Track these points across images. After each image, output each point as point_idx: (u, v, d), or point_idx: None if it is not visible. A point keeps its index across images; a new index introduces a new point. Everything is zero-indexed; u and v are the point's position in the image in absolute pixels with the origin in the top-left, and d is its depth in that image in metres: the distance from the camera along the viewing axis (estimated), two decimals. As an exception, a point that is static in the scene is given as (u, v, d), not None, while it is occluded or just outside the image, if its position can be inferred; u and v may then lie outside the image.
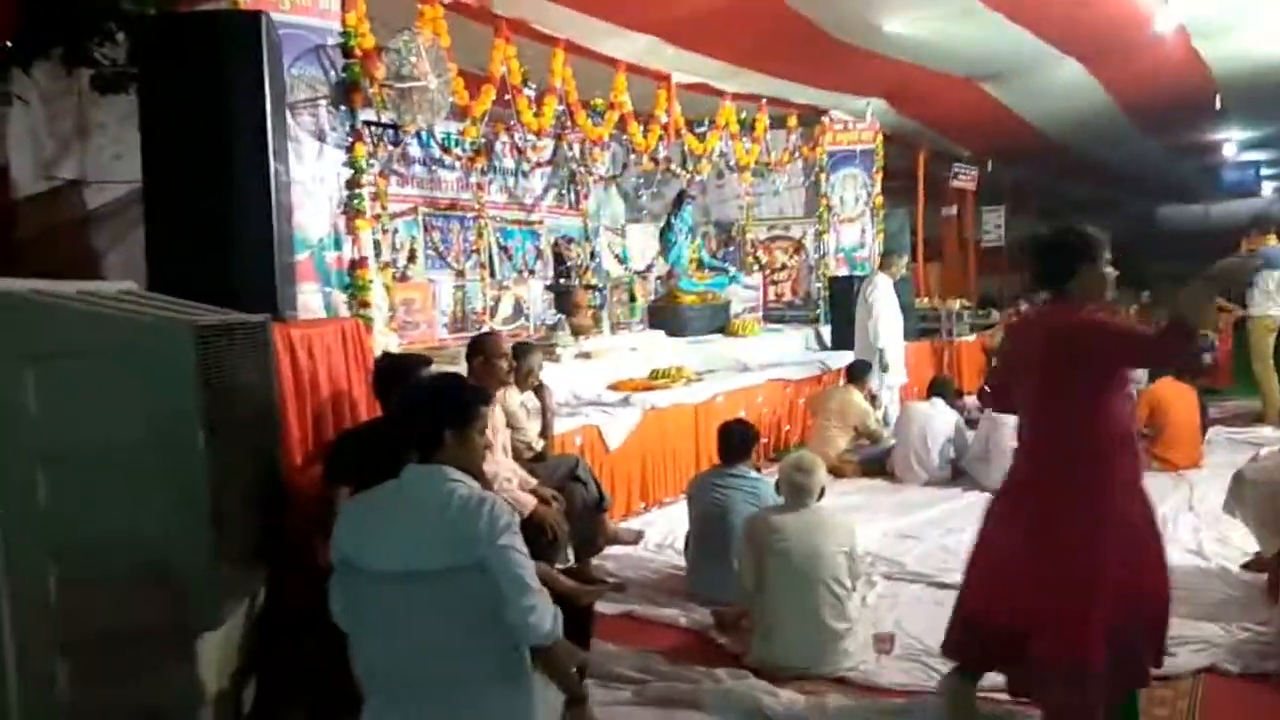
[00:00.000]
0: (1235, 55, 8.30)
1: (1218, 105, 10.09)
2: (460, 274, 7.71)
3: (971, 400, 8.49)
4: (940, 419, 6.70)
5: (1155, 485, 5.96)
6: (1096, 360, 2.77)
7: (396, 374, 3.44)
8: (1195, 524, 5.18)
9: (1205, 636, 3.64)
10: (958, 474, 6.54)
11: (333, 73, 4.16)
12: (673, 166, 8.56)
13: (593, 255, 8.99)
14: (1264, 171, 18.61)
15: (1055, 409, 2.85)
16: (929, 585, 4.44)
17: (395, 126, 4.71)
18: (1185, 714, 3.14)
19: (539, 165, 8.17)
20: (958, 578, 4.39)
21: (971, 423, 6.91)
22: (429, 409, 2.39)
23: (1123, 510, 2.80)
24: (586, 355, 6.81)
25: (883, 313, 7.56)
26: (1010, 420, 6.15)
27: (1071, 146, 12.64)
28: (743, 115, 8.70)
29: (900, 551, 4.96)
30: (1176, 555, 4.67)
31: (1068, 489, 2.79)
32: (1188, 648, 3.55)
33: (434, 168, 7.49)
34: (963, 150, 12.49)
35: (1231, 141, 14.11)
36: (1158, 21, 6.79)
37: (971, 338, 11.07)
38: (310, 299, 4.06)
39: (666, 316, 8.76)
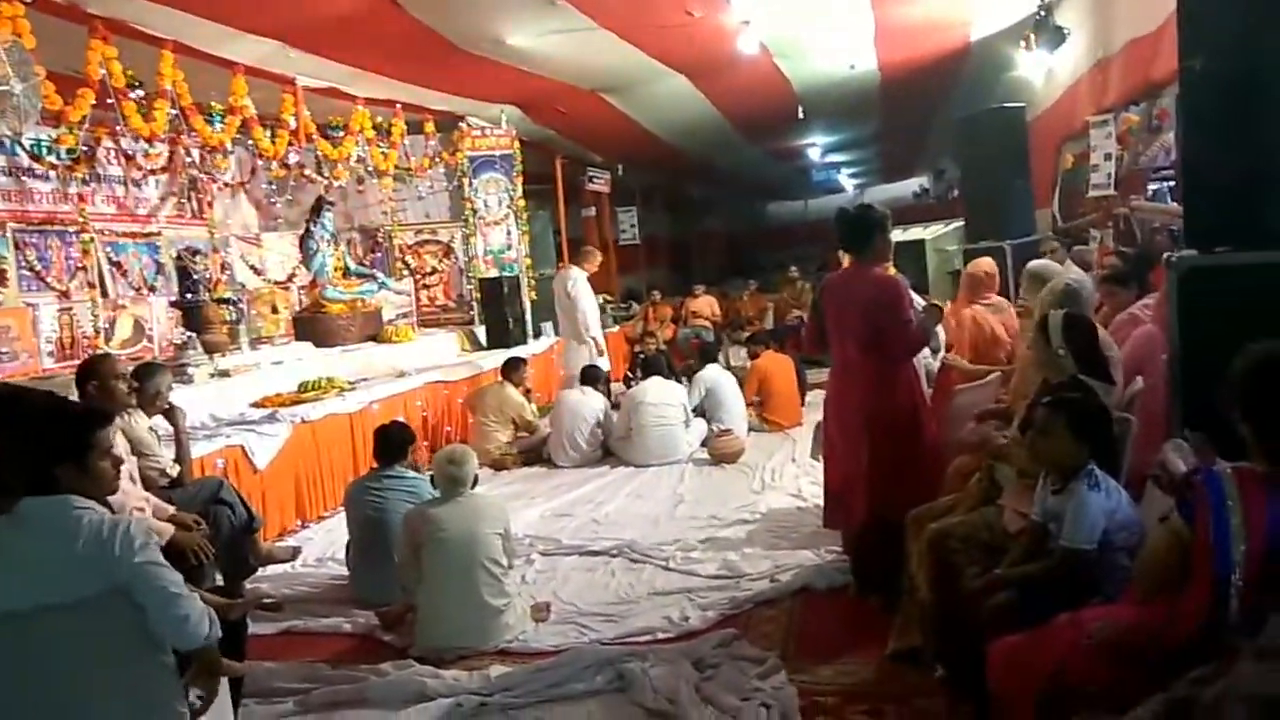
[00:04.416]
0: (809, 72, 9.69)
1: (800, 115, 11.67)
2: (65, 295, 6.91)
3: (618, 386, 9.20)
4: (590, 405, 7.22)
5: (765, 443, 7.10)
6: (885, 318, 3.78)
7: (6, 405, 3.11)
8: (796, 473, 6.10)
9: (800, 562, 4.36)
10: (606, 454, 7.09)
11: (-115, 74, 3.63)
12: (307, 172, 8.31)
13: (223, 267, 8.46)
14: (845, 171, 21.71)
15: (877, 337, 3.78)
16: (581, 555, 4.84)
17: (-29, 133, 4.18)
18: (786, 627, 3.76)
19: (152, 172, 7.54)
20: (606, 544, 4.92)
21: (616, 406, 7.50)
22: (35, 447, 2.20)
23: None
24: (225, 373, 6.46)
25: (587, 303, 7.95)
26: (649, 400, 6.87)
27: (689, 152, 13.97)
28: (378, 120, 8.64)
29: (556, 529, 5.33)
30: (781, 500, 5.52)
31: (887, 393, 3.81)
32: (789, 572, 4.24)
33: (23, 178, 6.66)
34: (595, 155, 13.32)
35: (816, 146, 16.33)
36: (741, 42, 7.76)
37: (615, 329, 11.91)
38: None
39: (313, 327, 8.49)
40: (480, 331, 9.77)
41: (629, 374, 9.65)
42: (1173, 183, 5.78)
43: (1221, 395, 2.07)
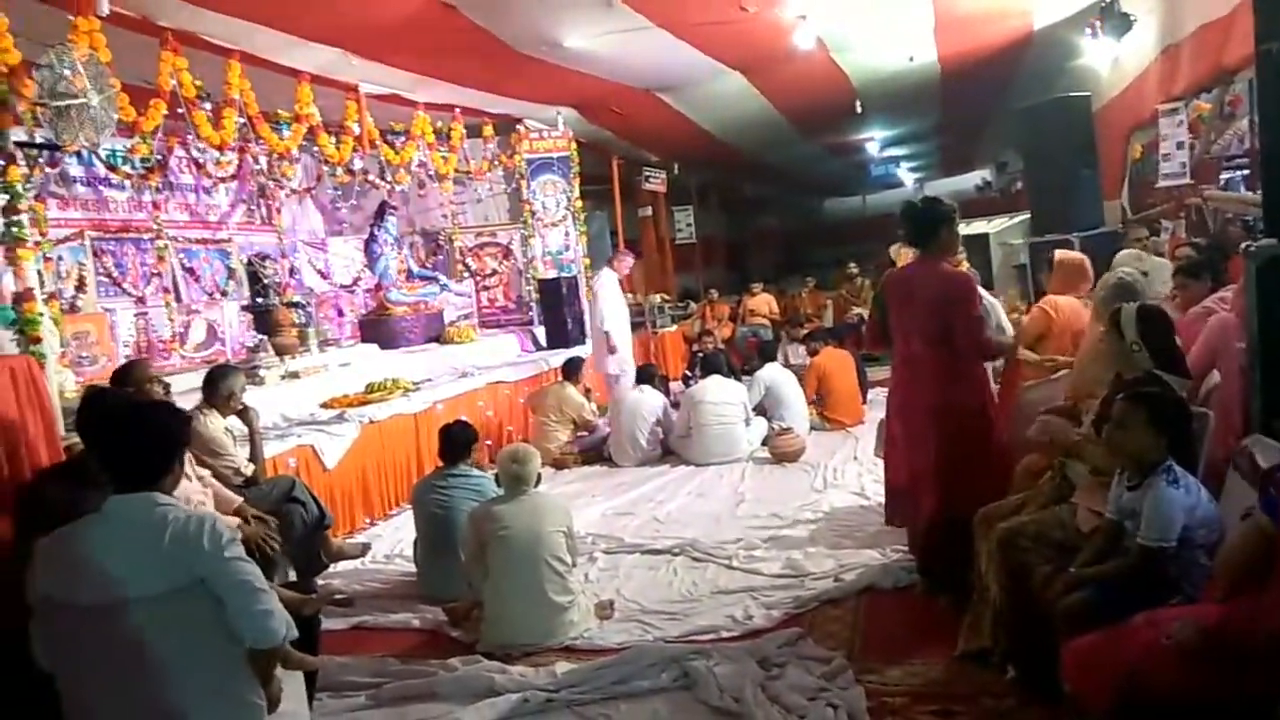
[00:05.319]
0: (866, 66, 9.58)
1: (858, 109, 11.54)
2: (141, 300, 7.16)
3: (677, 385, 9.21)
4: (648, 404, 7.24)
5: (826, 441, 7.03)
6: (955, 314, 3.70)
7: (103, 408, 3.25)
8: (859, 471, 6.04)
9: (865, 561, 4.31)
10: (666, 452, 7.11)
11: (-25, 93, 3.80)
12: (371, 177, 8.47)
13: (291, 272, 8.67)
14: (904, 165, 21.38)
15: (942, 332, 3.70)
16: (643, 554, 4.85)
17: (53, 147, 4.35)
18: (852, 626, 3.72)
19: (222, 180, 7.77)
20: (668, 543, 4.94)
21: (675, 405, 7.51)
22: (164, 442, 2.33)
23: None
24: (294, 375, 6.62)
25: (607, 301, 8.06)
26: (709, 398, 6.85)
27: (745, 149, 13.90)
28: (438, 125, 8.78)
29: (618, 528, 5.36)
30: (844, 499, 5.47)
31: (954, 390, 3.73)
32: (854, 572, 4.21)
33: (100, 187, 6.92)
34: (651, 155, 13.33)
35: (874, 140, 16.10)
36: (797, 37, 7.71)
37: (673, 328, 11.93)
38: (-35, 338, 3.70)
39: (378, 329, 8.67)
40: (540, 332, 9.86)
41: (688, 373, 9.65)
42: (1246, 172, 5.60)
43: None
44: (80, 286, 6.72)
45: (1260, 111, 2.92)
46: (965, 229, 10.29)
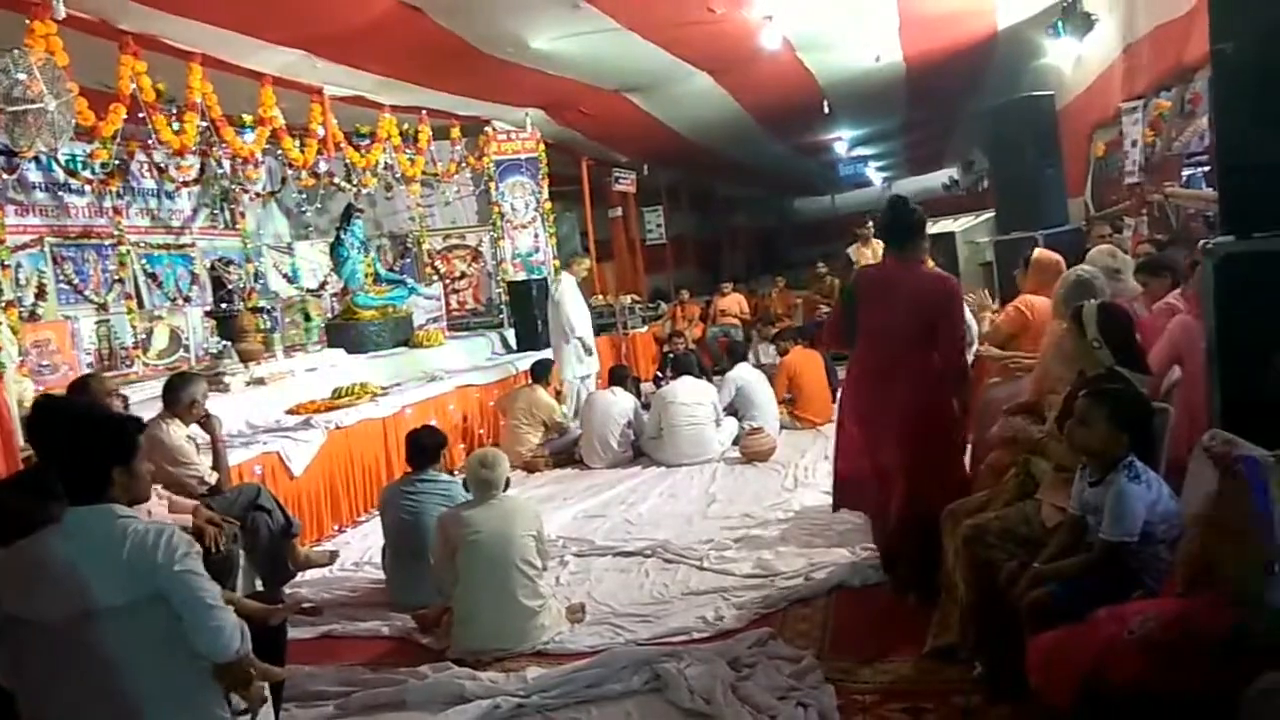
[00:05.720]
0: (833, 66, 9.63)
1: (826, 109, 11.60)
2: (103, 307, 7.04)
3: (648, 386, 9.20)
4: (619, 405, 7.23)
5: (796, 440, 7.06)
6: (939, 316, 3.71)
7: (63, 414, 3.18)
8: (828, 470, 6.02)
9: (835, 560, 4.33)
10: (637, 454, 7.10)
11: (-75, 96, 3.72)
12: (336, 180, 8.39)
13: (257, 276, 8.57)
14: (872, 164, 21.52)
15: (923, 333, 3.72)
16: (615, 556, 4.85)
17: (9, 153, 4.26)
18: (822, 625, 3.74)
19: (184, 185, 7.67)
20: (640, 545, 4.93)
21: (646, 406, 7.51)
22: (94, 450, 2.26)
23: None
24: (260, 381, 6.53)
25: (571, 306, 8.02)
26: (679, 399, 6.84)
27: (714, 149, 13.92)
28: (405, 127, 8.71)
29: (589, 530, 5.34)
30: (814, 497, 5.50)
31: (928, 389, 3.72)
32: (824, 570, 4.22)
33: (59, 193, 6.79)
34: (620, 156, 13.32)
35: (843, 140, 16.20)
36: (764, 38, 7.73)
37: (644, 329, 11.92)
38: (-82, 348, 3.61)
39: (346, 334, 8.58)
40: (509, 334, 9.81)
41: (659, 374, 9.65)
42: (1208, 168, 5.69)
43: (1270, 378, 2.04)
44: (40, 294, 6.59)
45: (1216, 110, 2.95)
46: (932, 228, 10.44)
